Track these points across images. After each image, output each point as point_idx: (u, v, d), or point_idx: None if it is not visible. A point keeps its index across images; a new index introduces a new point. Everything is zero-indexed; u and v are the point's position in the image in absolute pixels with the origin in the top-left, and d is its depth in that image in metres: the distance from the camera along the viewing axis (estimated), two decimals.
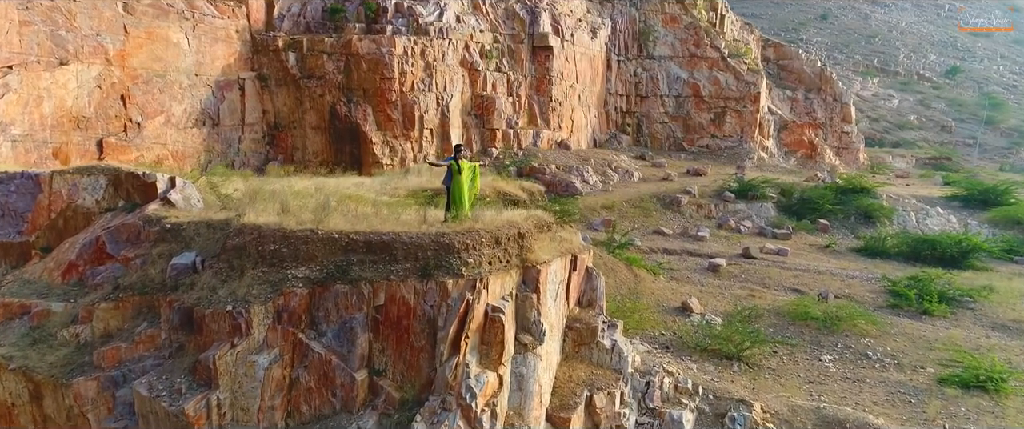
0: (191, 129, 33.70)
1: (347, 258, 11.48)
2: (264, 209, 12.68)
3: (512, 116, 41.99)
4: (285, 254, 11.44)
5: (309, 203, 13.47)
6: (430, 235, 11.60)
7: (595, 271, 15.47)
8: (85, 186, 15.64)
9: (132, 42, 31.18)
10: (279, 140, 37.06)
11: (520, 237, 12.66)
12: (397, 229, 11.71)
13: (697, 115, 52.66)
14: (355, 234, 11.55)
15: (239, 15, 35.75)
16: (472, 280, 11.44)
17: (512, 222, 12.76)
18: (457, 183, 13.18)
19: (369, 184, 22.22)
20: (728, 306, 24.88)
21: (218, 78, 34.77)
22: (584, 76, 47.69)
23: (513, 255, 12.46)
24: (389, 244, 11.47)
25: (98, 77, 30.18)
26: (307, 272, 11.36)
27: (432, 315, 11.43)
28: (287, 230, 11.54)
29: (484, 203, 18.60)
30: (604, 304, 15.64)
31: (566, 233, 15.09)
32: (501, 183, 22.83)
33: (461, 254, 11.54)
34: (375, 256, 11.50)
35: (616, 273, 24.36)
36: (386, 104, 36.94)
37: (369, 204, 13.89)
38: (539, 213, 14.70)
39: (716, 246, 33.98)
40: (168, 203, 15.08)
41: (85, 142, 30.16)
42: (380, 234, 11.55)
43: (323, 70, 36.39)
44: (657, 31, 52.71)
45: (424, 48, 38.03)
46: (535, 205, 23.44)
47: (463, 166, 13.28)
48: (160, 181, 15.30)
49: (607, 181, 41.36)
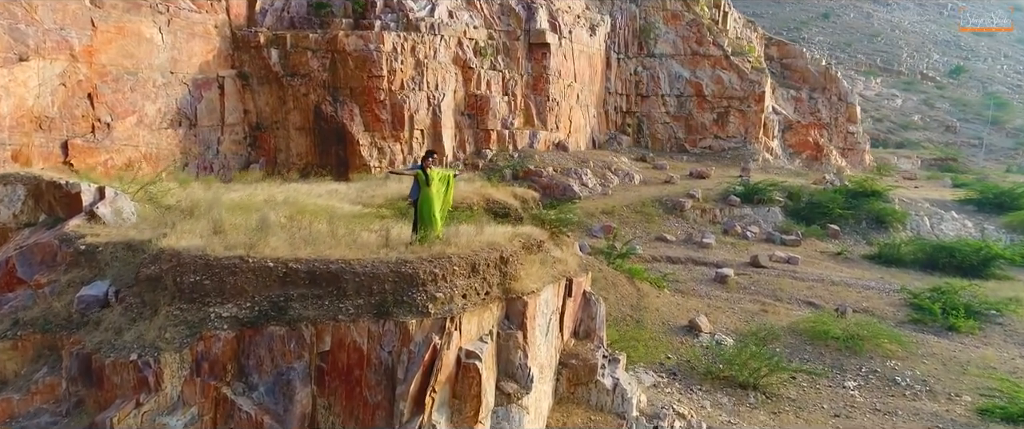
0: (166, 130, 31.28)
1: (285, 292, 9.08)
2: (191, 228, 10.25)
3: (508, 116, 39.59)
4: (208, 287, 9.04)
5: (252, 220, 11.04)
6: (389, 263, 9.20)
7: (594, 297, 13.06)
8: (1, 197, 13.21)
9: (100, 37, 28.73)
10: (261, 141, 34.66)
11: (503, 262, 10.24)
12: (349, 255, 9.31)
13: (699, 115, 50.23)
14: (295, 262, 9.14)
15: (218, 9, 33.31)
16: (441, 319, 9.03)
17: (494, 244, 10.35)
18: (425, 197, 10.78)
19: (344, 191, 19.80)
20: (739, 323, 22.47)
21: (195, 76, 32.35)
22: (583, 75, 45.26)
23: (494, 285, 10.05)
24: (337, 275, 9.07)
25: (62, 74, 27.75)
26: (235, 310, 8.96)
27: (390, 364, 9.03)
28: (211, 257, 9.14)
29: (466, 216, 16.20)
30: (604, 334, 13.24)
31: (561, 252, 12.67)
32: (490, 189, 20.42)
33: (427, 286, 9.14)
34: (320, 290, 9.10)
35: (617, 288, 21.95)
36: (374, 103, 34.53)
37: (325, 219, 11.45)
38: (528, 230, 12.29)
39: (722, 254, 31.57)
40: (94, 218, 12.63)
41: (48, 144, 27.74)
42: (327, 262, 9.14)
43: (308, 68, 33.97)
44: (658, 28, 50.27)
45: (414, 45, 35.61)
46: (528, 213, 21.04)
47: (433, 176, 10.87)
48: (85, 191, 12.89)
49: (607, 184, 38.95)
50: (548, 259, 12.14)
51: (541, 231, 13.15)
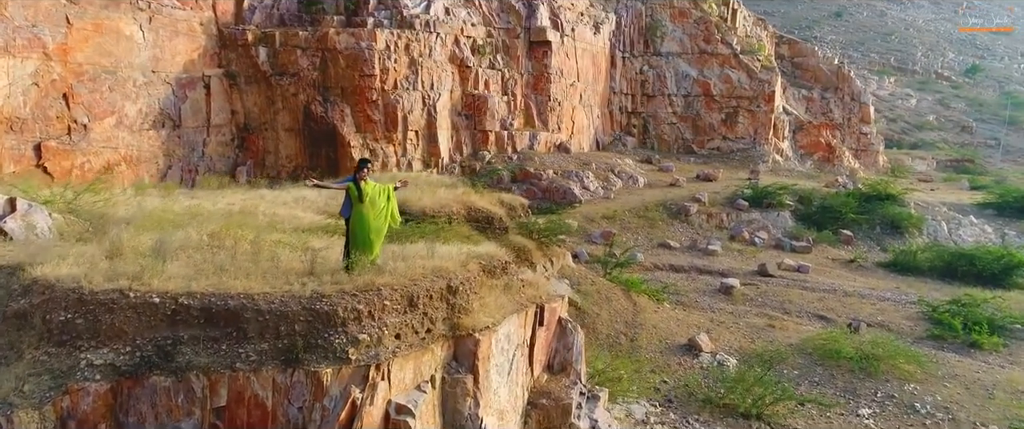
0: (148, 131, 29.70)
1: (174, 334, 7.37)
2: (82, 252, 8.53)
3: (507, 117, 37.79)
4: (81, 328, 7.34)
5: (170, 240, 9.29)
6: (302, 298, 7.47)
7: (571, 325, 11.24)
8: None
9: (76, 35, 27.16)
10: (249, 143, 33.05)
11: (451, 293, 8.48)
12: (254, 287, 7.56)
13: (707, 115, 48.21)
14: (187, 297, 7.43)
15: (203, 6, 31.71)
16: (363, 367, 7.29)
17: (441, 271, 8.59)
18: (359, 216, 9.02)
19: (314, 197, 18.08)
20: (744, 341, 20.57)
21: (179, 75, 30.77)
22: (586, 74, 43.37)
23: (438, 321, 8.29)
24: (236, 313, 7.35)
25: (35, 73, 26.18)
26: (111, 356, 7.26)
27: (300, 422, 7.26)
28: (86, 290, 7.43)
29: (443, 230, 14.42)
30: (583, 367, 11.42)
31: (532, 274, 10.88)
32: (473, 197, 18.65)
33: (348, 326, 7.40)
34: (217, 331, 7.38)
35: (611, 302, 20.10)
36: (366, 104, 32.85)
37: (248, 238, 9.69)
38: (490, 250, 10.47)
39: (728, 261, 29.64)
40: (1, 233, 10.93)
41: (20, 146, 26.20)
42: (226, 296, 7.43)
43: (297, 67, 32.33)
44: (665, 26, 48.28)
45: (409, 42, 33.88)
46: (515, 222, 19.25)
47: (367, 190, 9.10)
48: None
49: (609, 187, 37.08)
50: (514, 284, 10.37)
51: (504, 251, 11.35)
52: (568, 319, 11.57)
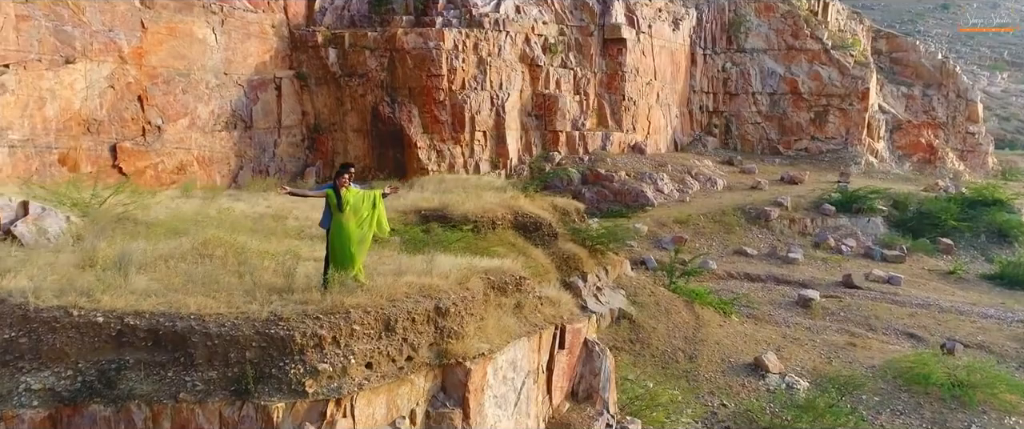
0: (219, 132, 29.95)
1: (119, 358, 6.62)
2: (53, 261, 7.91)
3: (578, 117, 36.49)
4: (24, 347, 6.69)
5: (157, 248, 8.61)
6: (257, 321, 6.57)
7: (598, 347, 10.00)
8: None
9: (150, 38, 27.56)
10: (319, 144, 32.98)
11: (439, 315, 7.42)
12: (208, 308, 6.70)
13: (795, 114, 45.42)
14: (135, 317, 6.66)
15: (275, 9, 31.79)
16: (321, 402, 6.28)
17: (430, 289, 7.53)
18: (338, 226, 8.07)
19: None
20: (819, 361, 18.66)
21: (251, 77, 30.90)
22: (664, 72, 41.51)
23: (421, 347, 7.26)
24: (184, 336, 6.52)
25: (111, 76, 26.68)
26: (52, 380, 6.58)
27: None
28: (31, 307, 6.75)
29: (483, 238, 13.40)
30: (612, 395, 10.13)
31: (554, 292, 9.69)
32: (522, 201, 17.55)
33: (306, 354, 6.48)
34: (164, 355, 6.59)
35: (671, 315, 18.58)
36: (433, 104, 32.23)
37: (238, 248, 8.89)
38: (502, 264, 9.34)
39: (810, 271, 27.46)
40: (12, 237, 10.57)
41: (97, 147, 26.75)
42: (175, 317, 6.59)
43: (365, 67, 32.01)
44: (749, 21, 45.76)
45: (477, 42, 33.07)
46: (568, 227, 18.03)
47: (348, 198, 8.14)
48: (4, 207, 10.84)
49: (685, 190, 35.24)
50: (528, 302, 9.21)
51: (517, 266, 10.18)
52: (595, 341, 10.31)
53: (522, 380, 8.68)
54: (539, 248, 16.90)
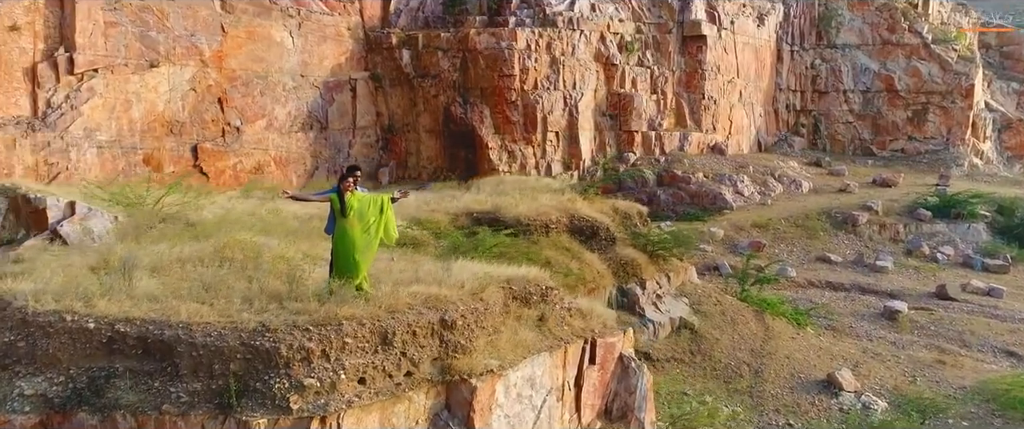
0: (296, 133, 30.52)
1: (110, 365, 6.48)
2: (63, 265, 7.86)
3: (655, 116, 35.41)
4: (21, 352, 6.64)
5: (179, 251, 8.49)
6: (243, 332, 6.26)
7: (635, 364, 9.32)
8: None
9: (230, 42, 28.32)
10: (393, 145, 33.18)
11: (445, 327, 6.94)
12: (200, 316, 6.45)
13: (890, 113, 42.74)
14: (126, 324, 6.47)
15: (351, 11, 32.14)
16: (305, 419, 5.92)
17: (435, 300, 7.08)
18: (341, 232, 7.70)
19: (416, 201, 17.15)
20: (901, 379, 17.24)
21: (327, 79, 31.36)
22: (747, 69, 39.82)
23: (422, 362, 6.82)
24: (170, 346, 6.28)
25: (192, 79, 27.57)
26: (44, 386, 6.50)
27: None
28: (29, 311, 6.67)
29: (534, 242, 12.91)
30: (649, 415, 9.46)
31: (587, 302, 9.07)
32: (579, 204, 16.89)
33: (292, 368, 6.16)
34: (152, 365, 6.42)
35: (737, 326, 17.54)
36: (505, 104, 31.89)
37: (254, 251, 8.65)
38: (529, 273, 8.81)
39: (900, 280, 25.64)
40: (57, 237, 10.76)
41: (179, 148, 27.69)
42: (163, 325, 6.37)
43: (438, 68, 31.98)
44: (841, 15, 43.34)
45: (550, 41, 32.53)
46: (628, 231, 17.28)
47: (353, 203, 7.75)
48: (52, 207, 11.08)
49: (767, 192, 33.66)
50: (553, 314, 8.62)
51: (544, 275, 9.58)
52: (631, 357, 9.60)
53: (543, 398, 8.11)
54: (595, 253, 16.23)
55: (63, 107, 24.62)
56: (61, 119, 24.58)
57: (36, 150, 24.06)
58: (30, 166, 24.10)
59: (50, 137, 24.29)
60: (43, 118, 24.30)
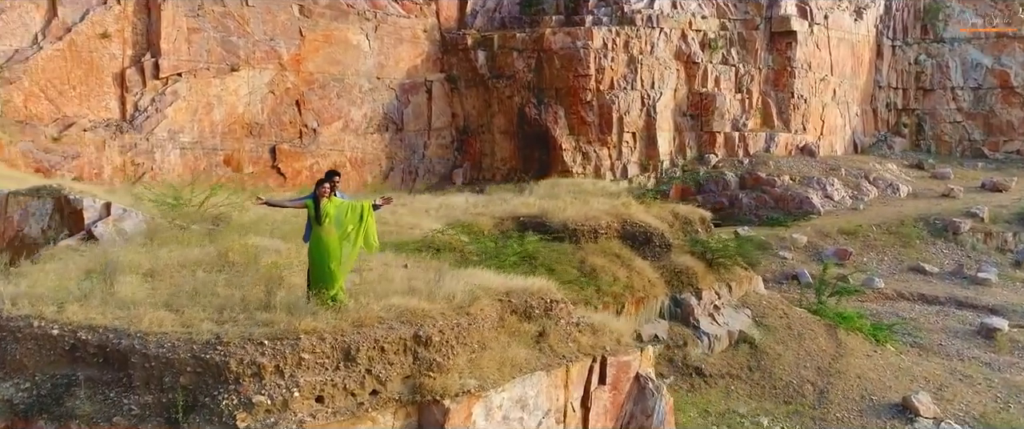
0: (372, 134, 30.85)
1: (72, 373, 6.32)
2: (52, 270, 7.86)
3: (739, 116, 33.85)
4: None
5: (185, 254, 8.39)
6: (195, 344, 5.96)
7: (653, 385, 8.54)
8: (33, 211, 12.20)
9: (308, 45, 28.92)
10: (467, 146, 33.07)
11: (419, 343, 6.47)
12: (155, 326, 6.22)
13: (1004, 111, 39.29)
14: (88, 331, 6.31)
15: (428, 13, 32.22)
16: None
17: (411, 313, 6.60)
18: (316, 240, 7.32)
19: (464, 204, 16.82)
20: (991, 405, 15.56)
21: (402, 81, 31.55)
22: (842, 66, 37.50)
23: (391, 380, 6.38)
24: (125, 356, 6.05)
25: (271, 82, 28.30)
26: (11, 392, 6.40)
27: None
28: (3, 316, 6.63)
29: (579, 249, 12.32)
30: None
31: (600, 318, 8.41)
32: (633, 209, 16.08)
33: (242, 384, 5.80)
34: (111, 374, 6.20)
35: (804, 341, 16.27)
36: (580, 105, 31.23)
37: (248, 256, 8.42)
38: (533, 285, 8.20)
39: (1004, 295, 23.39)
40: (91, 238, 10.97)
41: (258, 149, 28.46)
42: (122, 334, 6.17)
43: (513, 69, 31.63)
44: (949, 7, 40.17)
45: (628, 39, 31.61)
46: (688, 238, 16.34)
47: (328, 209, 7.35)
48: (88, 208, 11.31)
49: (860, 196, 31.56)
50: (556, 330, 7.99)
51: (551, 286, 8.91)
52: (648, 377, 8.82)
53: (538, 420, 7.50)
54: (648, 260, 15.38)
55: (149, 110, 25.68)
56: (147, 121, 25.64)
57: (124, 151, 25.19)
58: (118, 166, 25.26)
59: (137, 139, 25.38)
60: (130, 120, 25.42)
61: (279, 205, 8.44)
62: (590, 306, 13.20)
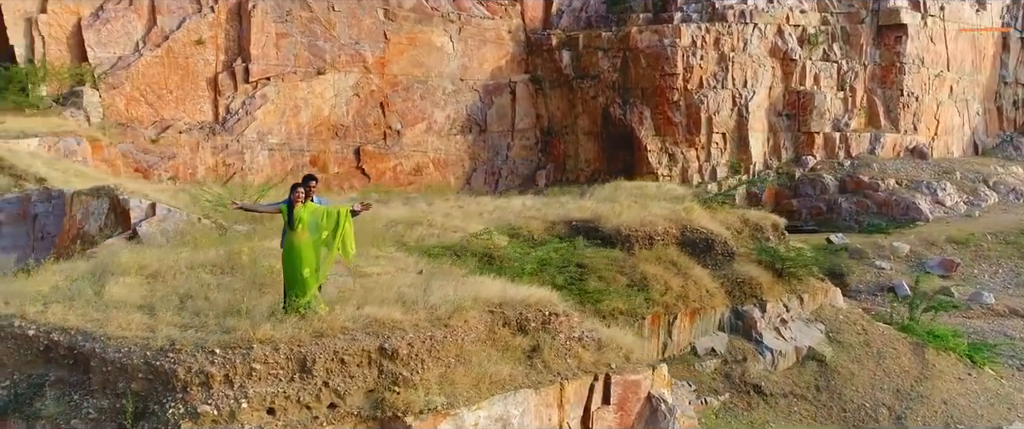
0: (454, 136, 30.98)
1: (46, 373, 6.37)
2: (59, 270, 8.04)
3: (841, 116, 31.81)
4: None
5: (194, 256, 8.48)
6: (149, 349, 5.88)
7: (666, 407, 7.88)
8: (93, 210, 12.77)
9: (392, 48, 29.34)
10: (551, 147, 32.68)
11: (385, 356, 6.15)
12: (118, 330, 6.18)
13: None
14: (60, 332, 6.36)
15: (512, 14, 32.04)
16: None
17: (378, 324, 6.30)
18: (288, 246, 7.07)
19: (521, 208, 16.46)
20: None
21: (486, 82, 31.52)
22: (961, 61, 34.53)
23: (351, 394, 6.10)
24: (87, 358, 6.04)
25: (356, 85, 28.90)
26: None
27: None
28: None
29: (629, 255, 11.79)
30: None
31: (608, 333, 7.84)
32: (696, 214, 15.19)
33: (190, 392, 5.65)
34: (77, 376, 6.22)
35: (883, 360, 14.89)
36: (666, 105, 30.21)
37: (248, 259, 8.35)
38: (532, 296, 7.71)
39: None
40: (135, 236, 11.36)
41: (343, 150, 29.12)
42: (89, 337, 6.18)
43: (597, 68, 30.99)
44: None
45: (718, 37, 30.31)
46: (757, 246, 15.34)
47: (302, 215, 7.09)
48: (135, 208, 11.70)
49: (976, 203, 28.98)
50: (555, 344, 7.47)
51: (552, 297, 8.33)
52: (661, 397, 8.10)
53: None
54: (707, 269, 14.48)
55: (239, 113, 26.70)
56: (237, 123, 26.66)
57: (216, 152, 26.31)
58: (211, 166, 26.40)
59: (228, 140, 26.44)
60: (222, 123, 26.52)
61: (254, 209, 8.34)
62: (636, 316, 12.56)
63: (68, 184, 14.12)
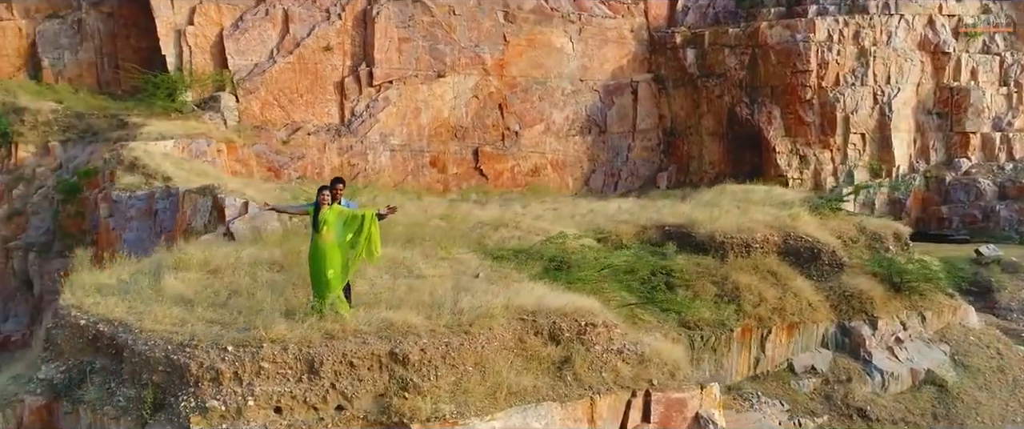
0: (573, 137, 30.79)
1: (93, 361, 6.81)
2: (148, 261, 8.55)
3: (1003, 114, 28.76)
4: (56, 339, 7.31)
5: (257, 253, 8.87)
6: (171, 343, 6.13)
7: (713, 426, 7.30)
8: (200, 207, 13.70)
9: (511, 50, 29.56)
10: (674, 148, 31.71)
11: (396, 361, 6.10)
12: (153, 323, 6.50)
13: None
14: (106, 324, 6.78)
15: (635, 12, 31.37)
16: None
17: (392, 328, 6.24)
18: (314, 248, 7.07)
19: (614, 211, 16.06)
20: None
21: (606, 82, 31.07)
22: None
23: (359, 397, 6.08)
24: (122, 348, 6.41)
25: (475, 87, 29.35)
26: (53, 372, 7.07)
27: None
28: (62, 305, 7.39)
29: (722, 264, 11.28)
30: None
31: (654, 344, 7.40)
32: (802, 221, 14.15)
33: (201, 386, 5.83)
34: (115, 364, 6.59)
35: (1018, 390, 13.18)
36: (798, 103, 28.53)
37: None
38: (569, 305, 7.37)
39: None
40: (228, 233, 12.09)
41: (462, 151, 29.64)
42: (128, 329, 6.56)
43: (724, 66, 29.73)
44: None
45: (858, 30, 28.26)
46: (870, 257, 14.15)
47: (328, 217, 7.08)
48: (229, 206, 12.41)
49: None
50: (589, 356, 7.10)
51: (594, 306, 7.86)
52: (710, 419, 7.48)
53: None
54: (812, 280, 13.43)
55: (363, 115, 27.81)
56: (362, 125, 27.78)
57: (341, 152, 27.54)
58: (336, 167, 27.64)
59: (352, 141, 27.62)
60: (348, 125, 27.72)
61: (283, 210, 8.51)
62: (724, 328, 11.88)
63: (189, 183, 15.16)
